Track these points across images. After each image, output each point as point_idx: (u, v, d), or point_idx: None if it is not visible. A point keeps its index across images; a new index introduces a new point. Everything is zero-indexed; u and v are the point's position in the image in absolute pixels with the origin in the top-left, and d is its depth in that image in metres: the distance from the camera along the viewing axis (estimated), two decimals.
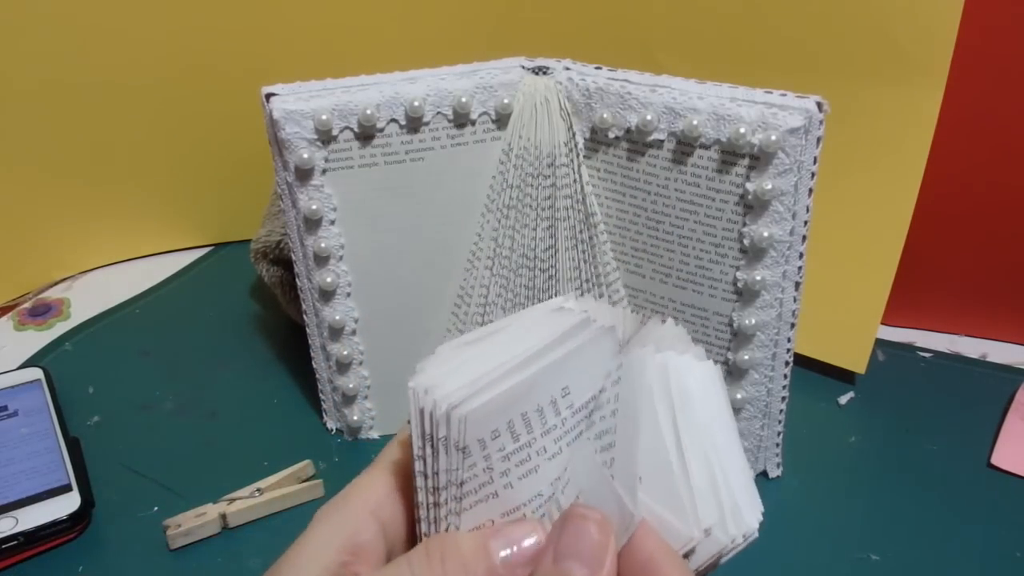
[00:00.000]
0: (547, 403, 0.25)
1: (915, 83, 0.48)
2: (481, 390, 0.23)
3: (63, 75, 0.61)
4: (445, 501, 0.25)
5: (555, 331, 0.25)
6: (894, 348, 0.58)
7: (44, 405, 0.53)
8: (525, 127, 0.42)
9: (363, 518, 0.26)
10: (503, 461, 0.24)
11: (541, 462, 0.25)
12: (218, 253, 0.72)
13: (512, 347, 0.24)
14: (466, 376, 0.24)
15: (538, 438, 0.25)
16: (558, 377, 0.25)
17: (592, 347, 0.25)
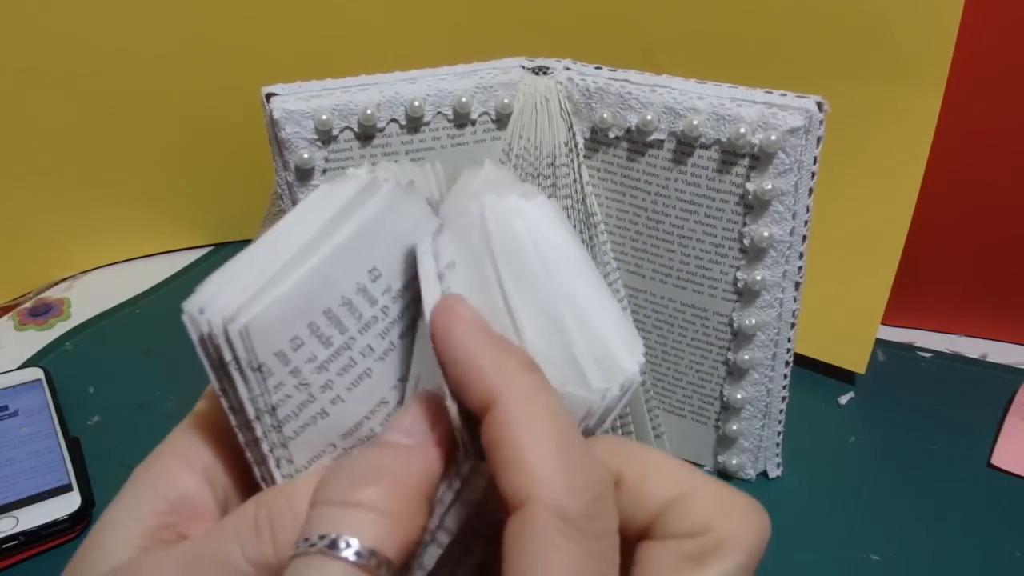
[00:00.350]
0: (353, 292, 0.21)
1: (915, 83, 0.48)
2: (258, 294, 0.20)
3: (63, 75, 0.61)
4: (264, 435, 0.21)
5: (336, 204, 0.20)
6: (894, 348, 0.58)
7: (44, 405, 0.53)
8: (525, 127, 0.42)
9: (179, 471, 0.23)
10: (319, 372, 0.21)
11: (371, 363, 0.21)
12: (218, 253, 0.72)
13: (290, 238, 0.20)
14: (239, 284, 0.20)
15: (357, 336, 0.21)
16: (356, 258, 0.21)
17: (391, 213, 0.21)
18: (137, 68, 0.63)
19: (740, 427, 0.46)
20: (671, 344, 0.46)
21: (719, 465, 0.48)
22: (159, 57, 0.63)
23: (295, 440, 0.21)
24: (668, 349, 0.46)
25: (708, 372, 0.46)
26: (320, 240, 0.20)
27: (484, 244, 0.21)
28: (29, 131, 0.63)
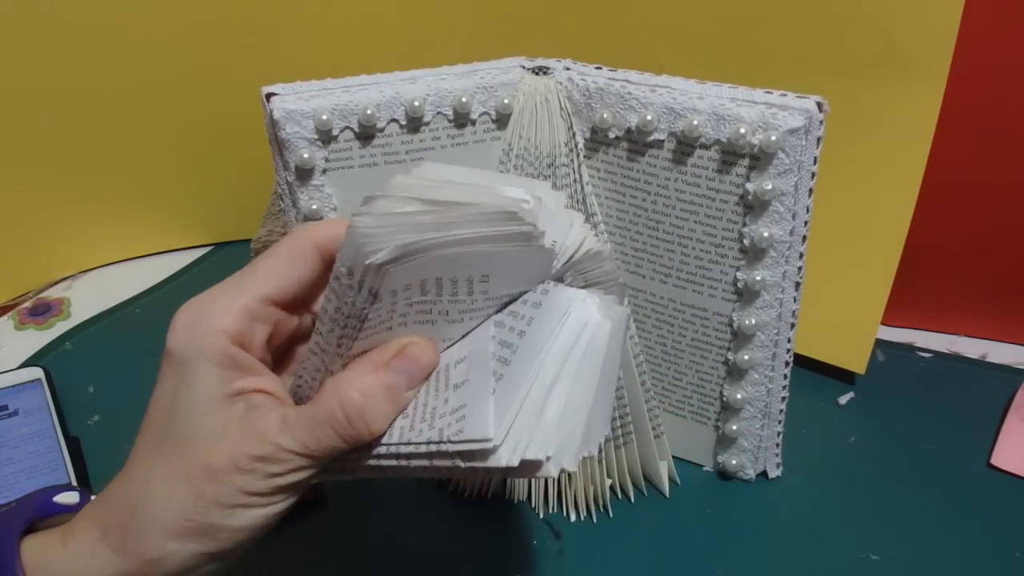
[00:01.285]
0: (463, 279, 0.27)
1: (915, 83, 0.48)
2: (409, 253, 0.26)
3: (63, 75, 0.61)
4: (345, 327, 0.28)
5: (498, 229, 0.26)
6: (894, 348, 0.58)
7: (44, 404, 0.53)
8: (525, 127, 0.42)
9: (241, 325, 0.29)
10: (406, 306, 0.28)
11: (438, 318, 0.28)
12: (218, 253, 0.72)
13: (454, 225, 0.26)
14: (402, 236, 0.26)
15: (443, 301, 0.28)
16: (482, 265, 0.27)
17: (525, 259, 0.27)
18: (137, 68, 0.63)
19: (740, 427, 0.46)
20: (671, 344, 0.46)
21: (719, 465, 0.48)
22: (159, 57, 0.63)
23: (361, 340, 0.29)
24: (668, 349, 0.46)
25: (708, 372, 0.46)
26: (470, 242, 0.26)
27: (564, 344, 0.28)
28: (29, 131, 0.63)
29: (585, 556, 0.44)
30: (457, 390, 0.29)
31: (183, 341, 0.28)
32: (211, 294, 0.29)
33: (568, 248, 0.30)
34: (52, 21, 0.60)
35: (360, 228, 0.26)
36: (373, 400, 0.28)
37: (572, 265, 0.30)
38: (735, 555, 0.44)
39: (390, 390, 0.28)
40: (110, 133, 0.65)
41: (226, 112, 0.64)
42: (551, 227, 0.29)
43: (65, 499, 0.31)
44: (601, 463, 0.46)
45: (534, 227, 0.27)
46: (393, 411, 0.29)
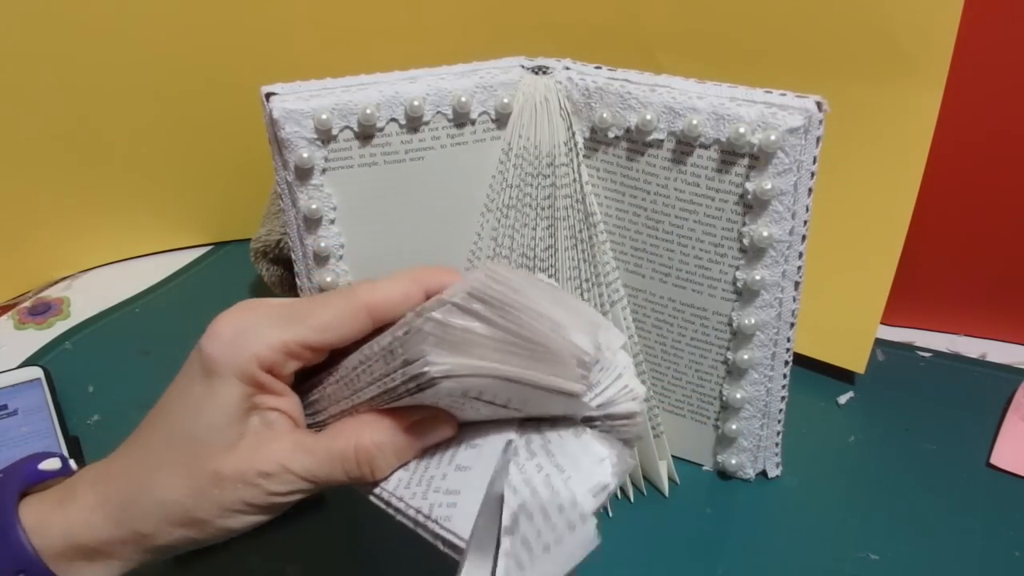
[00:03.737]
0: (502, 398, 0.28)
1: (915, 83, 0.48)
2: (468, 374, 0.27)
3: (63, 74, 0.61)
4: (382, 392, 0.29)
5: (550, 382, 0.27)
6: (894, 348, 0.58)
7: (44, 404, 0.53)
8: (525, 127, 0.42)
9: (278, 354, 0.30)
10: (450, 402, 0.29)
11: (468, 410, 0.30)
12: (218, 252, 0.72)
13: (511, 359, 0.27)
14: (463, 357, 0.27)
15: (478, 404, 0.29)
16: (524, 394, 0.28)
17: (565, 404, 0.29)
18: (137, 68, 0.63)
19: (739, 427, 0.46)
20: (670, 344, 0.46)
21: (718, 464, 0.48)
22: (159, 57, 0.63)
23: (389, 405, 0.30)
24: (667, 349, 0.46)
25: (707, 372, 0.46)
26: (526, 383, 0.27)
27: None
28: (29, 131, 0.63)
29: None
30: (458, 472, 0.30)
31: (220, 352, 0.30)
32: (259, 320, 0.30)
33: (605, 392, 0.31)
34: (52, 21, 0.60)
35: (427, 333, 0.27)
36: (383, 454, 0.30)
37: (605, 415, 0.31)
38: (735, 555, 0.44)
39: (402, 449, 0.30)
40: (110, 133, 0.65)
41: (226, 112, 0.64)
42: (600, 371, 0.31)
43: (48, 466, 0.34)
44: None
45: (583, 388, 0.28)
46: (397, 464, 0.31)
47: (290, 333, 0.30)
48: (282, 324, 0.30)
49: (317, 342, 0.30)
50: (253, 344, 0.29)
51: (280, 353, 0.30)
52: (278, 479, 0.29)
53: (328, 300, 0.31)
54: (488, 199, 0.44)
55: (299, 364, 0.31)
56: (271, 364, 0.30)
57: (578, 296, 0.44)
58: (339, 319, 0.30)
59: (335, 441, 0.30)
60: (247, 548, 0.45)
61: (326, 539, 0.45)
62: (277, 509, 0.30)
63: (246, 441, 0.30)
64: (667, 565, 0.43)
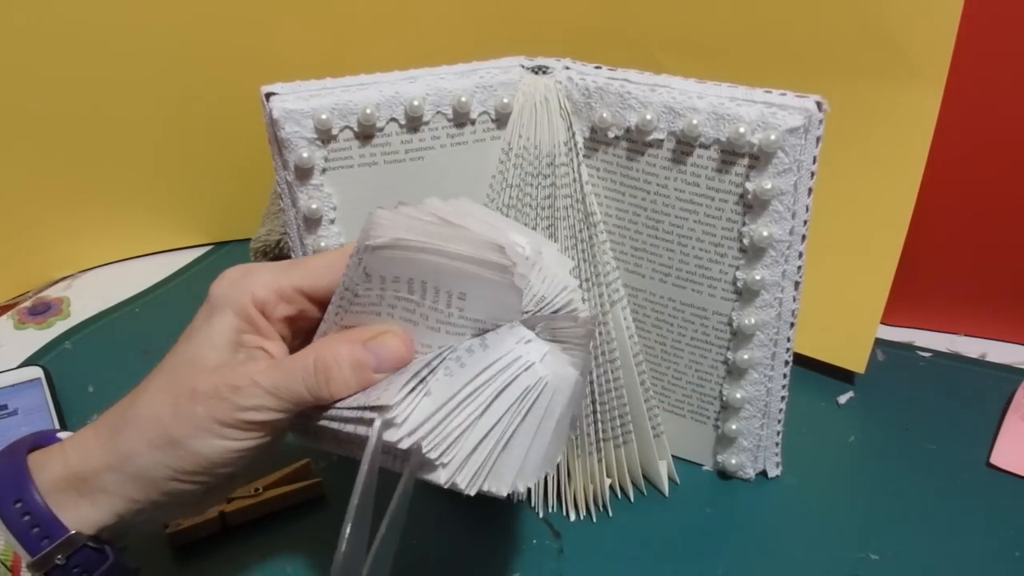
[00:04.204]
0: (443, 290, 0.31)
1: (915, 83, 0.48)
2: (401, 247, 0.30)
3: (63, 74, 0.61)
4: (342, 299, 0.33)
5: (481, 255, 0.30)
6: (894, 348, 0.58)
7: (44, 404, 0.53)
8: (525, 126, 0.42)
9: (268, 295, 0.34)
10: (394, 299, 0.31)
11: (419, 320, 0.32)
12: (218, 252, 0.72)
13: (448, 239, 0.30)
14: (403, 232, 0.30)
15: (425, 305, 0.31)
16: (461, 282, 0.30)
17: (499, 290, 0.30)
18: (137, 67, 0.63)
19: (739, 426, 0.46)
20: (670, 343, 0.46)
21: (718, 464, 0.48)
22: (159, 56, 0.63)
23: (350, 314, 0.33)
24: (667, 348, 0.46)
25: (707, 371, 0.46)
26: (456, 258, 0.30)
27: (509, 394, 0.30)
28: (29, 131, 0.63)
29: (585, 556, 0.44)
30: (400, 375, 0.32)
31: (221, 290, 0.33)
32: (260, 266, 0.34)
33: (547, 299, 0.33)
34: (52, 21, 0.60)
35: (375, 215, 0.30)
36: (340, 366, 0.31)
37: (546, 318, 0.33)
38: (735, 554, 0.44)
39: (358, 363, 0.32)
40: (110, 133, 0.65)
41: (226, 112, 0.64)
42: (542, 282, 0.33)
43: (66, 436, 0.35)
44: (601, 462, 0.46)
45: (512, 264, 0.30)
46: (355, 383, 0.32)
47: (284, 276, 0.34)
48: (279, 270, 0.34)
49: (308, 285, 0.34)
50: (250, 284, 0.33)
51: (272, 293, 0.33)
52: (245, 392, 0.31)
53: (322, 253, 0.36)
54: (488, 199, 0.44)
55: (290, 309, 0.34)
56: (263, 302, 0.33)
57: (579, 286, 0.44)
58: (328, 265, 0.34)
59: (298, 356, 0.32)
60: (247, 548, 0.45)
61: (326, 539, 0.45)
62: (246, 429, 0.31)
63: (227, 366, 0.32)
64: (667, 565, 0.43)
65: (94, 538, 0.32)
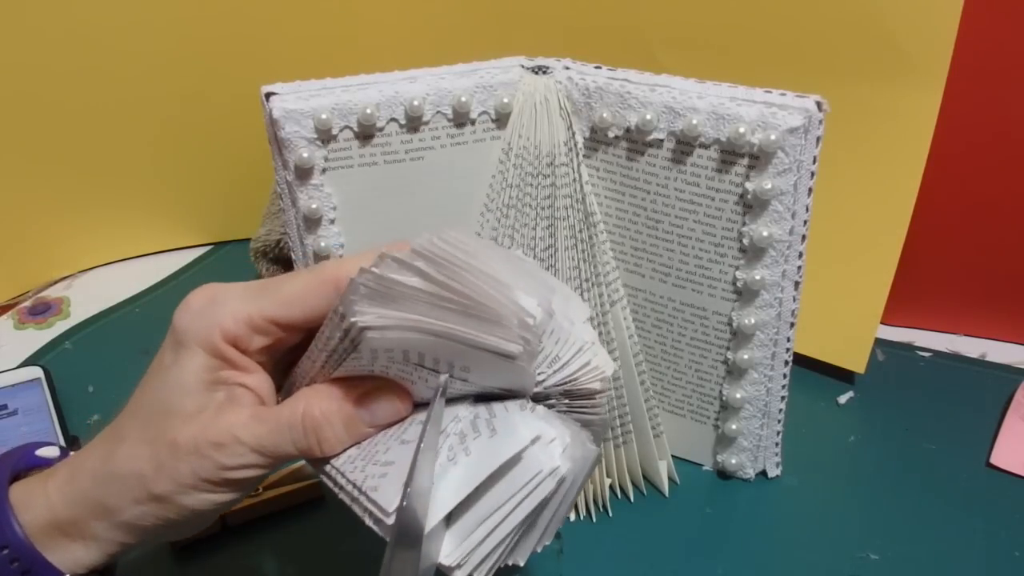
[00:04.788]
0: (444, 361, 0.28)
1: (915, 83, 0.48)
2: (392, 328, 0.26)
3: (63, 74, 0.61)
4: (331, 354, 0.29)
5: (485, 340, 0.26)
6: (894, 348, 0.58)
7: (44, 404, 0.53)
8: (525, 126, 0.42)
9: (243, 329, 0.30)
10: (387, 362, 0.28)
11: (417, 382, 0.29)
12: (218, 252, 0.72)
13: (447, 316, 0.26)
14: (393, 309, 0.26)
15: (424, 371, 0.28)
16: (465, 359, 0.27)
17: (509, 373, 0.28)
18: (137, 67, 0.63)
19: (739, 426, 0.46)
20: (670, 343, 0.46)
21: (718, 464, 0.48)
22: (158, 56, 0.63)
23: (340, 370, 0.29)
24: (667, 348, 0.46)
25: (707, 371, 0.46)
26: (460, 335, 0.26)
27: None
28: (29, 131, 0.63)
29: (585, 556, 0.44)
30: (401, 445, 0.29)
31: (187, 323, 0.30)
32: (228, 293, 0.30)
33: (564, 368, 0.30)
34: (52, 21, 0.60)
35: (358, 284, 0.26)
36: (331, 423, 0.29)
37: (563, 392, 0.30)
38: (735, 554, 0.44)
39: (351, 420, 0.29)
40: (110, 133, 0.65)
41: (226, 112, 0.64)
42: (556, 343, 0.30)
43: (46, 453, 0.34)
44: (600, 462, 0.46)
45: (521, 350, 0.27)
46: (348, 439, 0.30)
47: (255, 306, 0.30)
48: (248, 298, 0.30)
49: (282, 316, 0.30)
50: (218, 315, 0.30)
51: (244, 326, 0.30)
52: (229, 450, 0.29)
53: (295, 275, 0.31)
54: (488, 199, 0.44)
55: (266, 340, 0.30)
56: (235, 337, 0.30)
57: (577, 294, 0.44)
58: (304, 292, 0.30)
59: (283, 409, 0.30)
60: (247, 548, 0.45)
61: (326, 539, 0.45)
62: (234, 486, 0.30)
63: (206, 413, 0.29)
64: (667, 565, 0.43)
65: (87, 574, 0.31)
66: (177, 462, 0.29)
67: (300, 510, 0.47)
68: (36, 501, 0.30)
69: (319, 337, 0.29)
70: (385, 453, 0.29)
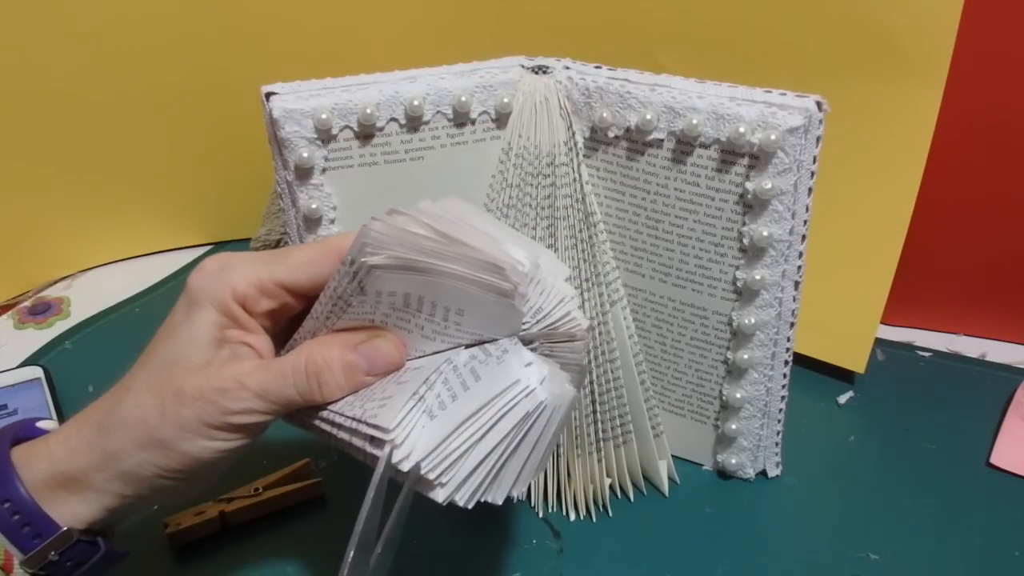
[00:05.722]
0: (441, 305, 0.30)
1: (914, 83, 0.48)
2: (400, 267, 0.29)
3: (63, 74, 0.61)
4: (335, 305, 0.31)
5: (482, 277, 0.29)
6: (893, 348, 0.58)
7: (44, 404, 0.53)
8: (525, 126, 0.42)
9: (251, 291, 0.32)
10: (389, 309, 0.31)
11: (414, 330, 0.32)
12: (218, 252, 0.72)
13: (448, 259, 0.29)
14: (401, 250, 0.29)
15: (421, 317, 0.31)
16: (461, 300, 0.30)
17: (499, 310, 0.31)
18: (138, 67, 0.63)
19: (739, 426, 0.46)
20: (670, 343, 0.46)
21: (718, 464, 0.48)
22: (160, 56, 0.63)
23: (342, 319, 0.32)
24: (667, 348, 0.46)
25: (707, 371, 0.46)
26: (455, 276, 0.29)
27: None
28: (29, 131, 0.63)
29: (585, 556, 0.44)
30: (397, 385, 0.31)
31: (201, 283, 0.32)
32: (240, 258, 0.33)
33: (547, 318, 0.33)
34: (52, 21, 0.60)
35: (370, 229, 0.29)
36: (331, 369, 0.31)
37: (545, 335, 0.33)
38: (735, 554, 0.44)
39: (350, 366, 0.32)
40: (110, 133, 0.65)
41: (226, 112, 0.64)
42: (540, 294, 0.33)
43: (46, 425, 0.35)
44: (601, 462, 0.46)
45: (514, 288, 0.30)
46: (347, 386, 0.32)
47: (265, 270, 0.32)
48: (260, 263, 0.33)
49: (290, 280, 0.32)
50: (230, 277, 0.32)
51: (253, 287, 0.32)
52: (233, 395, 0.31)
53: (304, 246, 0.34)
54: (488, 199, 0.44)
55: (272, 304, 0.33)
56: (244, 297, 0.32)
57: (577, 295, 0.44)
58: (311, 260, 0.32)
59: (287, 359, 0.32)
60: (247, 548, 0.45)
61: (326, 539, 0.45)
62: (236, 431, 0.31)
63: (212, 365, 0.31)
64: (667, 565, 0.43)
65: (85, 531, 0.32)
66: (181, 408, 0.31)
67: (300, 510, 0.47)
68: (38, 457, 0.32)
69: (324, 293, 0.32)
70: (382, 392, 0.31)
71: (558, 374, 0.31)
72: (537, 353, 0.32)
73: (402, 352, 0.32)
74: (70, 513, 0.32)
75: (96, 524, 0.33)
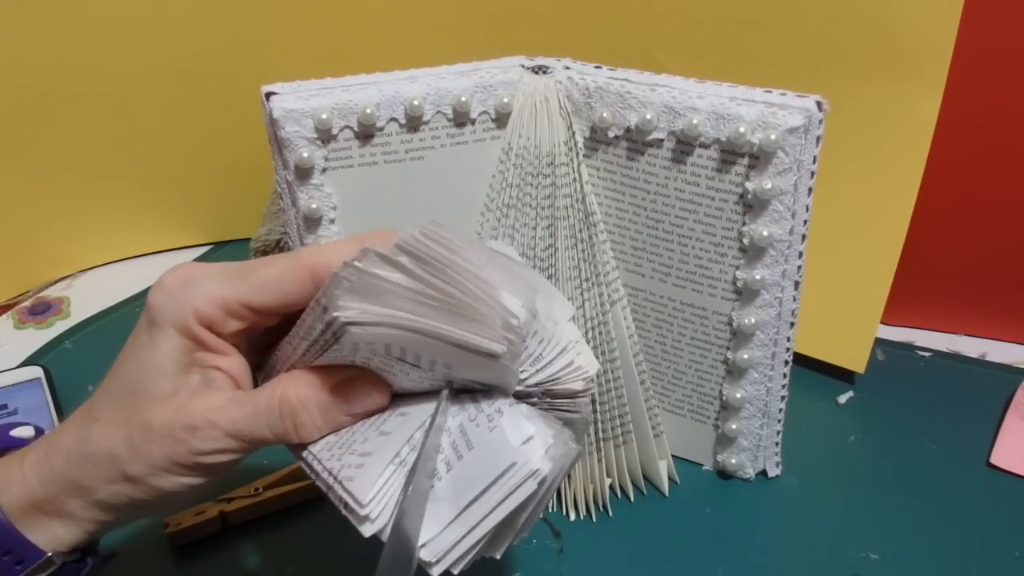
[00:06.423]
0: (426, 357, 0.28)
1: (914, 83, 0.48)
2: (375, 324, 0.26)
3: (63, 74, 0.61)
4: (312, 344, 0.29)
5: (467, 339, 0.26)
6: (894, 347, 0.58)
7: (44, 404, 0.53)
8: (525, 126, 0.42)
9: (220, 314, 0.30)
10: (369, 353, 0.28)
11: (399, 375, 0.29)
12: (218, 251, 0.72)
13: (429, 314, 0.26)
14: (376, 305, 0.26)
15: (406, 365, 0.28)
16: (447, 356, 0.27)
17: (492, 372, 0.28)
18: (138, 67, 0.63)
19: (739, 426, 0.46)
20: (670, 343, 0.46)
21: (718, 464, 0.48)
22: (160, 56, 0.63)
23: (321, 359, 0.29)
24: (667, 348, 0.46)
25: (707, 371, 0.46)
26: (444, 332, 0.26)
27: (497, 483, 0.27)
28: (29, 131, 0.63)
29: (585, 555, 0.44)
30: (380, 436, 0.29)
31: (161, 302, 0.30)
32: (201, 274, 0.30)
33: (547, 368, 0.30)
34: (52, 21, 0.60)
35: (342, 278, 0.26)
36: (307, 410, 0.29)
37: (546, 390, 0.30)
38: (735, 554, 0.44)
39: (327, 408, 0.29)
40: (110, 133, 0.65)
41: (226, 112, 0.64)
42: (540, 343, 0.30)
43: (20, 433, 0.34)
44: (601, 462, 0.46)
45: (505, 350, 0.27)
46: (325, 426, 0.30)
47: (230, 289, 0.30)
48: (224, 280, 0.30)
49: (256, 301, 0.30)
50: (193, 297, 0.30)
51: (218, 308, 0.29)
52: (203, 434, 0.29)
53: (272, 260, 0.30)
54: (488, 199, 0.44)
55: (241, 324, 0.30)
56: (209, 319, 0.30)
57: (577, 295, 0.44)
58: (279, 277, 0.30)
59: (261, 394, 0.29)
60: (247, 548, 0.45)
61: (326, 539, 0.45)
62: (206, 470, 0.30)
63: (181, 395, 0.29)
64: (667, 565, 0.43)
65: (70, 552, 0.31)
66: (150, 445, 0.29)
67: (300, 510, 0.47)
68: (13, 480, 0.30)
69: (300, 324, 0.29)
70: (363, 443, 0.29)
71: (560, 434, 0.28)
72: (536, 408, 0.30)
73: (385, 395, 0.30)
74: (51, 537, 0.30)
75: (80, 544, 0.31)
